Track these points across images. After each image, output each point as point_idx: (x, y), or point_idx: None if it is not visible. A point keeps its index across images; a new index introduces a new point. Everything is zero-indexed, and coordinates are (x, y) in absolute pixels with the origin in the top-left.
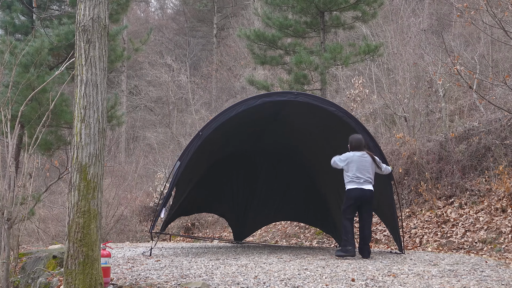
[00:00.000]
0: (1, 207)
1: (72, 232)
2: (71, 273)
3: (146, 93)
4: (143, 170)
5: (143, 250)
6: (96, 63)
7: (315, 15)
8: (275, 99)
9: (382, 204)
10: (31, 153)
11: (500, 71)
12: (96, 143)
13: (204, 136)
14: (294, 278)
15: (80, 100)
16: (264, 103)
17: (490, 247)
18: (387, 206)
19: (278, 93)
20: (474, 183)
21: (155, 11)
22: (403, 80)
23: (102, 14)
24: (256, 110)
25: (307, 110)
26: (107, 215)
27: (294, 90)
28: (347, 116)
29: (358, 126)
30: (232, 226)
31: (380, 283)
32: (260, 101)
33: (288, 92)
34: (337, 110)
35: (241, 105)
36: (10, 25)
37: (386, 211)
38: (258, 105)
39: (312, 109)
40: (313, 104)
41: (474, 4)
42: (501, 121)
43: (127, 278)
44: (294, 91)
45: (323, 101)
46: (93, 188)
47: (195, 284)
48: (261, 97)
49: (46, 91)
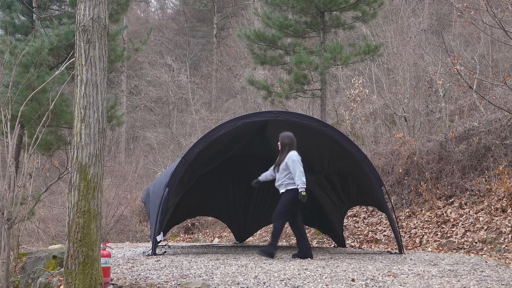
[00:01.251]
0: (1, 207)
1: (72, 232)
2: (71, 273)
3: (146, 93)
4: (143, 170)
5: (143, 250)
6: (96, 63)
7: (315, 15)
8: (253, 119)
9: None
10: (31, 153)
11: (500, 71)
12: (96, 143)
13: (188, 161)
14: (294, 278)
15: (80, 100)
16: (243, 124)
17: (490, 247)
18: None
19: (257, 114)
20: (474, 183)
21: (155, 11)
22: (403, 80)
23: (102, 14)
24: (237, 132)
25: (290, 127)
26: (107, 215)
27: (274, 110)
28: (330, 130)
29: (342, 138)
30: (232, 229)
31: (380, 283)
32: (240, 123)
33: (267, 112)
34: (319, 125)
35: (220, 129)
36: (10, 25)
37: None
38: (238, 127)
39: (294, 125)
40: (294, 121)
41: (474, 4)
42: (501, 121)
43: (127, 278)
44: (274, 111)
45: (304, 117)
46: (93, 188)
47: (195, 284)
48: (240, 119)
49: (46, 91)
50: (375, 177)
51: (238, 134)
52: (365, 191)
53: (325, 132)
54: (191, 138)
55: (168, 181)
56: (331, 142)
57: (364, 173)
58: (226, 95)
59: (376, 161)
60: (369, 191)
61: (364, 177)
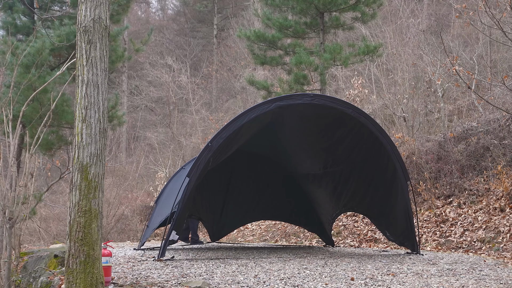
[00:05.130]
0: (3, 206)
1: (73, 231)
2: (72, 272)
3: (146, 93)
4: (144, 169)
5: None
6: (97, 63)
7: (314, 16)
8: (288, 102)
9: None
10: (33, 153)
11: (499, 71)
12: (97, 143)
13: (214, 147)
14: (294, 277)
15: (81, 100)
16: (276, 108)
17: (488, 246)
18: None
19: (291, 96)
20: (472, 183)
21: (155, 12)
22: (402, 81)
23: (103, 15)
24: (271, 116)
25: (325, 111)
26: (108, 215)
27: (309, 93)
28: (364, 117)
29: (375, 127)
30: (207, 227)
31: (379, 282)
32: (273, 105)
33: (303, 95)
34: (353, 112)
35: (252, 112)
36: (11, 25)
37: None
38: (272, 110)
39: (329, 110)
40: (330, 106)
41: (472, 5)
42: (499, 121)
43: (128, 277)
44: (310, 94)
45: (339, 102)
46: (94, 187)
47: (196, 283)
48: (274, 101)
49: (47, 92)
50: (402, 170)
51: (272, 118)
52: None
53: (359, 119)
54: (192, 138)
55: (189, 170)
56: (363, 130)
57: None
58: (226, 95)
59: None
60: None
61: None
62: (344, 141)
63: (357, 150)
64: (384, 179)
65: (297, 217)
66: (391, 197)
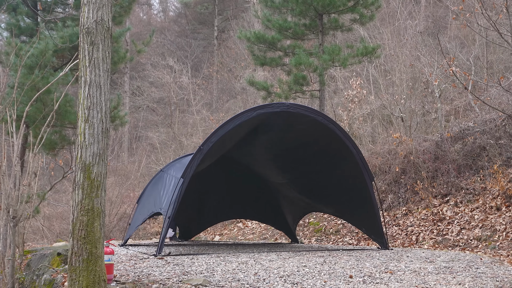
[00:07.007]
0: (7, 205)
1: (76, 230)
2: (75, 270)
3: (148, 94)
4: (146, 169)
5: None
6: (99, 64)
7: (313, 17)
8: (268, 110)
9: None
10: (36, 152)
11: (495, 72)
12: (100, 142)
13: (205, 150)
14: (293, 274)
15: (84, 100)
16: (259, 115)
17: (485, 244)
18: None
19: (270, 105)
20: (469, 182)
21: (157, 14)
22: (400, 81)
23: (105, 17)
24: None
25: (298, 119)
26: (110, 213)
27: (285, 102)
28: (333, 124)
29: (342, 133)
30: (180, 226)
31: (377, 279)
32: (255, 113)
33: (280, 104)
34: (323, 119)
35: (237, 119)
36: (15, 27)
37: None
38: (254, 117)
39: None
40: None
41: (469, 7)
42: (495, 121)
43: (130, 275)
44: (285, 103)
45: (311, 111)
46: (97, 186)
47: (197, 281)
48: (256, 110)
49: (51, 92)
50: (366, 171)
51: (254, 125)
52: (337, 199)
53: (328, 126)
54: (193, 138)
55: (183, 171)
56: (332, 136)
57: (350, 174)
58: (226, 95)
59: (373, 160)
60: (339, 200)
61: (346, 181)
62: (313, 147)
63: (325, 154)
64: (350, 181)
65: (266, 217)
66: (359, 198)
